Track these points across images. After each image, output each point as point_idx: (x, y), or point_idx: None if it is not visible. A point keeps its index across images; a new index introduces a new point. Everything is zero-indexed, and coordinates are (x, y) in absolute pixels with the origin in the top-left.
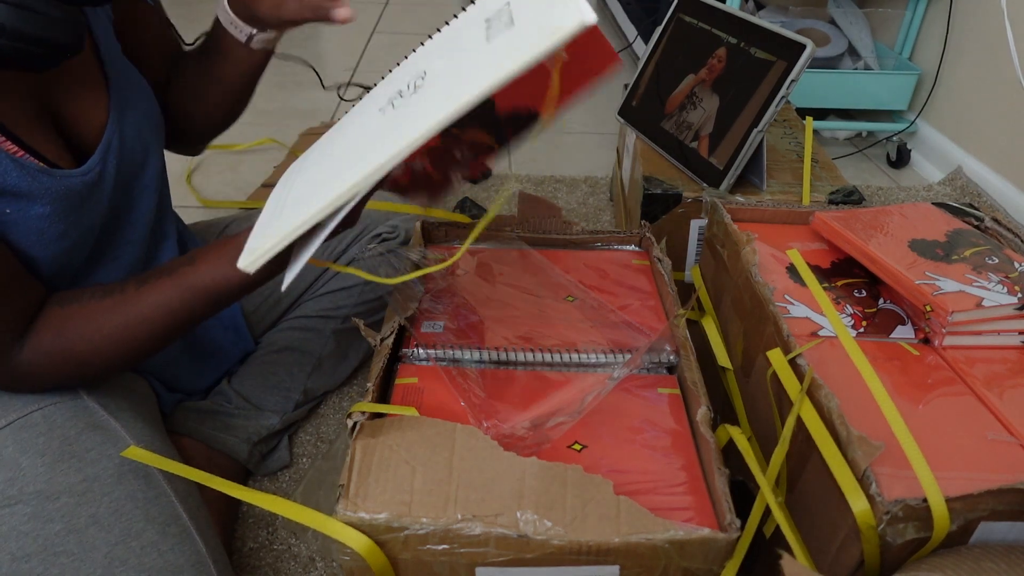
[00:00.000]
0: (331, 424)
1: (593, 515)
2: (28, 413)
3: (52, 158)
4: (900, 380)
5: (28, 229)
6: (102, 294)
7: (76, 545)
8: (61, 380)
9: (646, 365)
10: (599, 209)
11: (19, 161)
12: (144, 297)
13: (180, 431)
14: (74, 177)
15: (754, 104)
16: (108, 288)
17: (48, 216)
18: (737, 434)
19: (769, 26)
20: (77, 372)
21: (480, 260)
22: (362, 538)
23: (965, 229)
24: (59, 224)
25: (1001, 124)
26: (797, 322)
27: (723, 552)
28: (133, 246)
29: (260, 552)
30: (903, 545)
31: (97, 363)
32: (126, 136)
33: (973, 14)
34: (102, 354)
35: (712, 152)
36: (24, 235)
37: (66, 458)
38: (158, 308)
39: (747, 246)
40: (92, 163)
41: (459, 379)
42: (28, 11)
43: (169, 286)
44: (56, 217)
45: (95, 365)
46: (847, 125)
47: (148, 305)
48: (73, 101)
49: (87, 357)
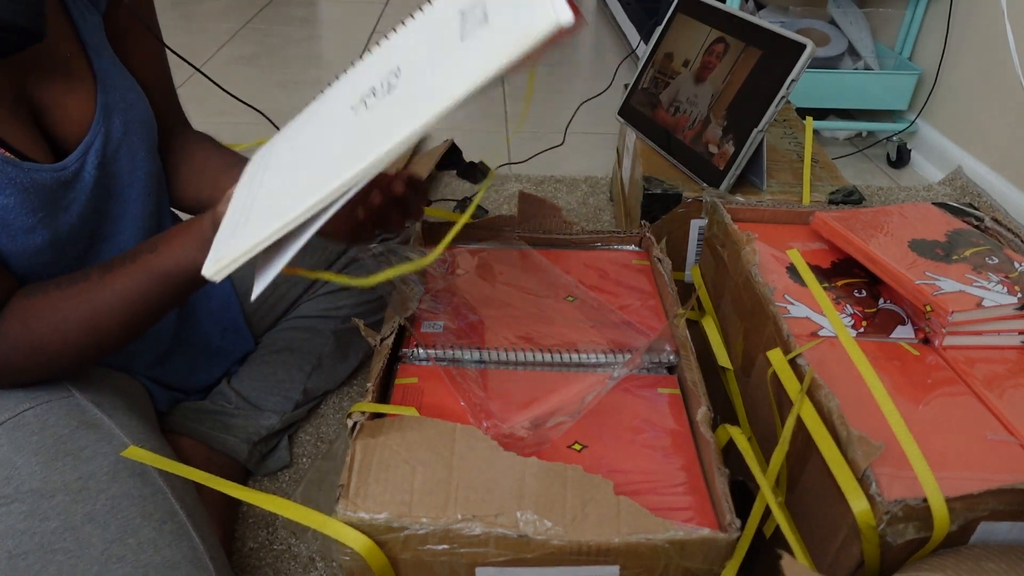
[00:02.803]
0: (331, 424)
1: (593, 515)
2: (20, 412)
3: (22, 149)
4: (900, 380)
5: None
6: (68, 283)
7: (72, 542)
8: (33, 372)
9: (646, 365)
10: (599, 209)
11: None
12: (108, 284)
13: (179, 431)
14: (44, 171)
15: (754, 104)
16: (73, 277)
17: (13, 208)
18: (737, 434)
19: (769, 26)
20: (47, 363)
21: (480, 260)
22: (362, 538)
23: (965, 229)
24: (26, 217)
25: (1001, 124)
26: (797, 322)
27: (723, 552)
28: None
29: (260, 552)
30: (903, 545)
31: (66, 353)
32: (112, 138)
33: (973, 14)
34: (70, 343)
35: (712, 152)
36: None
37: (61, 456)
38: (123, 295)
39: (747, 246)
40: (69, 160)
41: (459, 379)
42: None
43: (132, 272)
44: (21, 210)
45: (65, 355)
46: (847, 125)
47: (112, 292)
48: (58, 97)
49: (55, 347)
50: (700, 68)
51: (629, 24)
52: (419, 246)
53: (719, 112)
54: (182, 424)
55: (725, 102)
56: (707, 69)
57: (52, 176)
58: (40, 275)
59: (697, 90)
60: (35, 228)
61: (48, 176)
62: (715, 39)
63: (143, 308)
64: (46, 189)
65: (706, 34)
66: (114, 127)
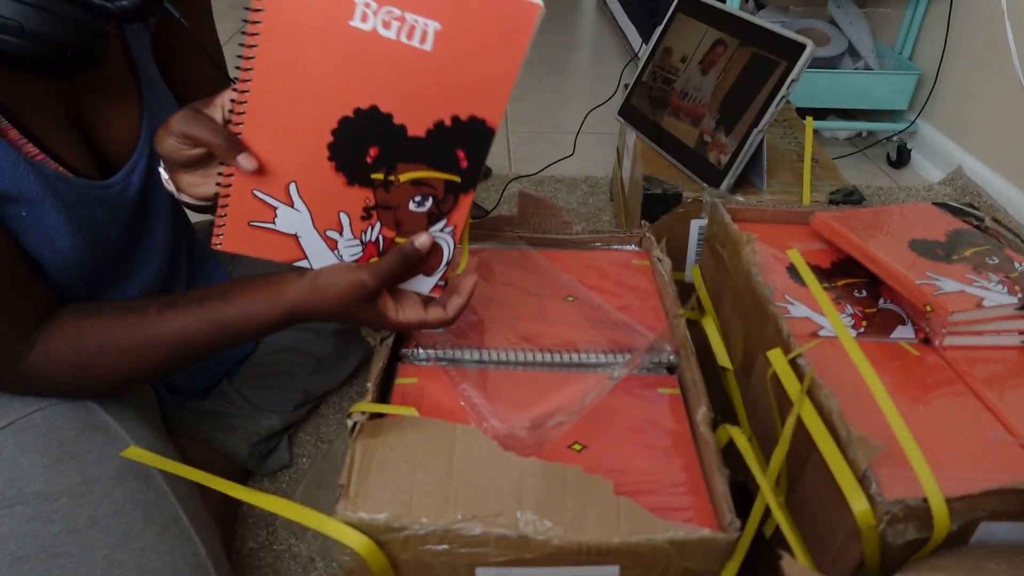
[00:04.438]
0: (331, 424)
1: (593, 515)
2: (28, 414)
3: (75, 165)
4: (900, 380)
5: (39, 235)
6: (123, 310)
7: (75, 546)
8: (68, 388)
9: (646, 365)
10: (599, 209)
11: (37, 165)
12: (167, 322)
13: (180, 432)
14: (91, 188)
15: (754, 104)
16: (129, 305)
17: (60, 225)
18: (737, 434)
19: (769, 26)
20: (85, 383)
21: (480, 260)
22: (362, 538)
23: (965, 229)
24: (71, 235)
25: (1001, 124)
26: (797, 322)
27: (723, 552)
28: (150, 266)
29: (260, 552)
30: (903, 545)
31: (107, 377)
32: (155, 158)
33: (973, 14)
34: (114, 369)
35: (712, 152)
36: (35, 241)
37: (66, 459)
38: (180, 335)
39: (747, 246)
40: (116, 179)
41: (459, 379)
42: (48, 14)
43: (195, 316)
44: (68, 227)
45: (105, 379)
46: (847, 125)
47: (170, 330)
48: (106, 115)
49: (99, 371)
50: (700, 68)
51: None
52: None
53: (719, 112)
54: (182, 425)
55: (725, 102)
56: (707, 69)
57: (98, 194)
58: (70, 290)
59: (697, 90)
60: (77, 246)
61: (94, 193)
62: (715, 39)
63: (196, 350)
64: (91, 207)
65: (706, 34)
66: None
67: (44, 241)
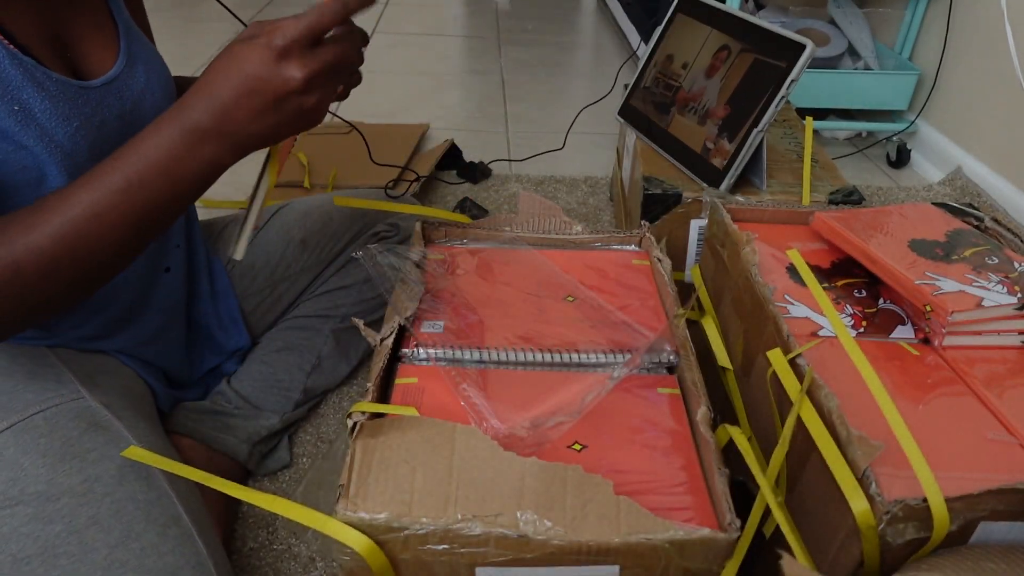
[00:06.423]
0: (331, 424)
1: (593, 515)
2: (29, 416)
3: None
4: (900, 380)
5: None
6: (50, 195)
7: (76, 546)
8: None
9: (646, 365)
10: (599, 209)
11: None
12: (89, 183)
13: (180, 431)
14: (70, 85)
15: (754, 104)
16: (58, 190)
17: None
18: (737, 434)
19: (769, 26)
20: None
21: (480, 260)
22: (362, 538)
23: (965, 229)
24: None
25: (1001, 124)
26: (797, 322)
27: (723, 552)
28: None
29: (260, 552)
30: (903, 545)
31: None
32: (136, 80)
33: (973, 14)
34: (50, 261)
35: (712, 152)
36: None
37: (67, 459)
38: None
39: (747, 246)
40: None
41: (459, 379)
42: None
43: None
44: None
45: (48, 279)
46: (847, 125)
47: (94, 191)
48: (84, 33)
49: (36, 267)
50: (700, 68)
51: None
52: (419, 245)
53: (719, 112)
54: (182, 424)
55: (725, 102)
56: (706, 69)
57: (78, 89)
58: None
59: (697, 90)
60: (75, 135)
61: (74, 89)
62: (715, 39)
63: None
64: (72, 98)
65: (706, 34)
66: (137, 72)
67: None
